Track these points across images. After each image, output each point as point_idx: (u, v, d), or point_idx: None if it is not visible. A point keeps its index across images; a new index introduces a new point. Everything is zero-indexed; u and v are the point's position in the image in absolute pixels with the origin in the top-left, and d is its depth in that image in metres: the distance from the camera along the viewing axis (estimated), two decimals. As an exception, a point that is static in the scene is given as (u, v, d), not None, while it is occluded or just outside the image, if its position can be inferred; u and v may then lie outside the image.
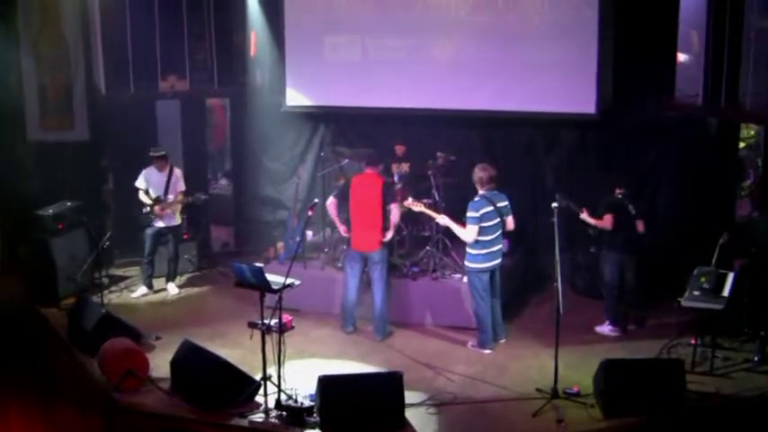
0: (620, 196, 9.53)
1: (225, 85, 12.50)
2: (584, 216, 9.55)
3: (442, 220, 9.38)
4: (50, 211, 10.80)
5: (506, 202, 9.28)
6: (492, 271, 9.26)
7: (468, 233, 9.08)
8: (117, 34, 11.61)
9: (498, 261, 9.29)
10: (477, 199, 9.14)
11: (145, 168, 10.94)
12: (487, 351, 9.27)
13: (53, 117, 11.59)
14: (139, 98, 11.94)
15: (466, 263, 9.31)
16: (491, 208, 9.10)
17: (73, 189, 11.33)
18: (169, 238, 11.09)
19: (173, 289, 11.25)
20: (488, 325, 9.27)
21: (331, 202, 9.77)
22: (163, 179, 10.87)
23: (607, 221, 9.47)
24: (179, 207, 11.00)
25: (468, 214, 9.07)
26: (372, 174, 9.69)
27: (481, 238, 9.08)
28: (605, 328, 9.67)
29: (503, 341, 9.50)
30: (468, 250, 9.21)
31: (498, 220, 9.17)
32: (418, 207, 9.48)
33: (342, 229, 9.83)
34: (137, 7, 11.61)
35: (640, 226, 9.54)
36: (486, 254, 9.14)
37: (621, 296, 9.67)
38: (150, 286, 11.13)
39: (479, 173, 9.19)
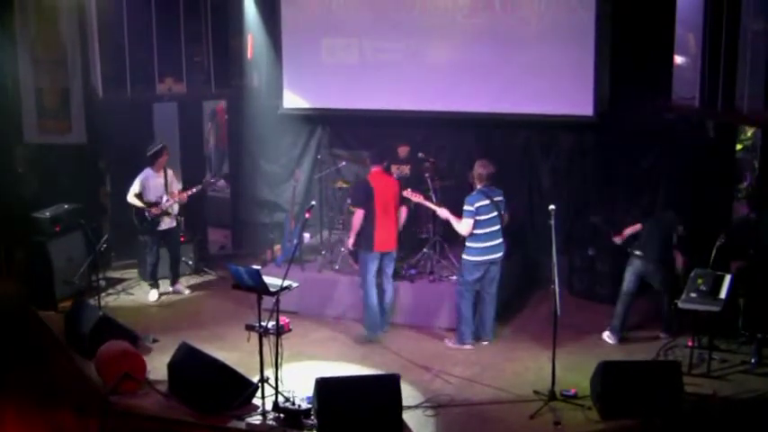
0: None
1: (222, 88, 12.49)
2: (617, 239, 9.58)
3: (442, 212, 9.39)
4: (48, 213, 10.79)
5: (502, 197, 9.31)
6: (488, 266, 9.27)
7: (463, 225, 9.13)
8: (114, 37, 11.59)
9: (497, 255, 9.28)
10: (473, 193, 9.20)
11: (139, 174, 10.84)
12: (468, 347, 9.28)
13: (50, 120, 11.59)
14: (137, 101, 11.92)
15: (462, 255, 9.33)
16: (487, 201, 9.13)
17: (70, 192, 11.31)
18: (171, 240, 11.09)
19: (184, 289, 11.29)
20: (469, 320, 9.30)
21: (359, 213, 9.59)
22: (161, 181, 10.85)
23: (630, 229, 9.48)
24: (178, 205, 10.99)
25: (464, 207, 9.12)
26: (381, 171, 9.72)
27: (477, 232, 9.11)
28: (604, 334, 9.56)
29: (485, 343, 9.48)
30: (467, 244, 9.24)
31: (495, 213, 9.19)
32: (417, 198, 9.51)
33: (350, 242, 9.83)
34: (134, 10, 11.60)
35: (680, 260, 9.35)
36: (484, 248, 9.17)
37: (631, 307, 9.59)
38: (159, 287, 11.15)
39: (479, 169, 9.23)
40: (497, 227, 9.24)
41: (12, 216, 10.97)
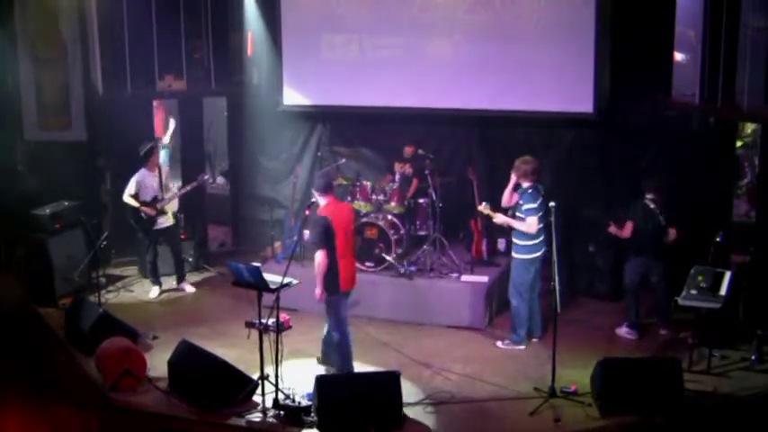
0: (650, 203, 9.37)
1: (222, 85, 12.48)
2: (612, 230, 9.58)
3: (498, 219, 9.37)
4: (48, 210, 10.79)
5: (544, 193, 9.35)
6: (538, 262, 9.29)
7: (530, 224, 9.09)
8: (114, 34, 11.57)
9: (544, 251, 9.27)
10: (530, 191, 9.16)
11: (135, 175, 10.80)
12: (521, 347, 9.27)
13: (50, 117, 11.58)
14: (137, 98, 11.91)
15: (514, 254, 9.29)
16: (541, 199, 9.15)
17: (70, 188, 11.31)
18: (170, 238, 11.08)
19: (189, 287, 11.28)
20: (525, 322, 9.28)
21: (322, 255, 8.31)
22: (156, 180, 10.83)
23: (627, 230, 9.45)
24: (173, 205, 10.97)
25: (527, 206, 9.09)
26: (333, 200, 8.60)
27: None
28: (622, 330, 9.57)
29: (535, 340, 9.45)
30: (516, 241, 9.23)
31: (544, 211, 9.16)
32: (487, 210, 9.48)
33: (318, 291, 8.39)
34: (134, 7, 11.57)
35: (671, 234, 9.37)
36: (535, 245, 9.17)
37: (640, 299, 9.57)
38: (160, 284, 11.15)
39: (524, 166, 9.18)
40: (543, 224, 9.25)
41: (12, 213, 10.96)
